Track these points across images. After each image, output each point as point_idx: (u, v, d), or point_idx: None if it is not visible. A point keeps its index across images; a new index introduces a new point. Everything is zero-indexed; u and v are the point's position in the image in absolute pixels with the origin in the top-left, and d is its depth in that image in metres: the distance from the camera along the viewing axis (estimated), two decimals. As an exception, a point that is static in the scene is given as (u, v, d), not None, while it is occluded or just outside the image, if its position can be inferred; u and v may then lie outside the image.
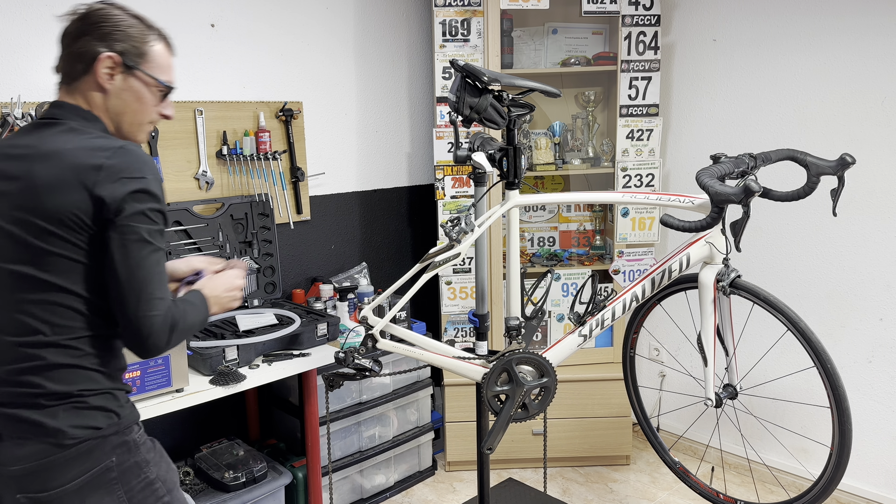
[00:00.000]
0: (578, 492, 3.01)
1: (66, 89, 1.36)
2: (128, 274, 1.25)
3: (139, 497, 1.34)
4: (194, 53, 2.64)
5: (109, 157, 1.25)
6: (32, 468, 1.26)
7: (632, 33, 2.96)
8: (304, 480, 2.62)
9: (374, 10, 3.20)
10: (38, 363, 1.26)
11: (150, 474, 1.36)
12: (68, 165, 1.25)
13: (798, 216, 2.85)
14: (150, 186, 1.27)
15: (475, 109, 1.93)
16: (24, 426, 1.26)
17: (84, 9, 1.35)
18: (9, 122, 2.14)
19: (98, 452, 1.29)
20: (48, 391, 1.26)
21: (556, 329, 3.24)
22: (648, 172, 3.06)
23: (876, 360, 2.71)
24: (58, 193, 1.24)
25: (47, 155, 1.27)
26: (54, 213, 1.24)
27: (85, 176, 1.24)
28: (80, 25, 1.33)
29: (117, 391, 1.35)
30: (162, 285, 1.29)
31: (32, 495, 1.26)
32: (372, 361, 2.07)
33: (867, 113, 2.63)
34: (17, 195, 1.27)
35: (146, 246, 1.26)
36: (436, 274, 1.95)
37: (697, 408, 3.06)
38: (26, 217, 1.25)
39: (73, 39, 1.33)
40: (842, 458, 1.89)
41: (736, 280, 1.95)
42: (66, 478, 1.26)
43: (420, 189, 3.48)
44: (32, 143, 1.30)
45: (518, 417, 2.02)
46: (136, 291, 1.26)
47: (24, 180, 1.26)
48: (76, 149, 1.27)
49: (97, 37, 1.32)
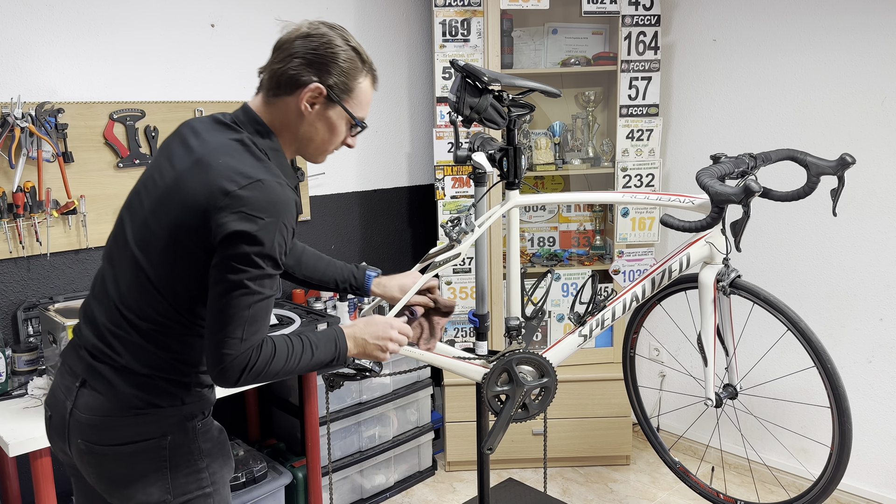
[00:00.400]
0: (578, 492, 3.01)
1: (263, 98, 1.39)
2: (215, 308, 1.27)
3: (182, 481, 1.38)
4: (194, 53, 2.64)
5: (242, 188, 1.25)
6: (96, 421, 1.35)
7: (632, 33, 2.96)
8: (304, 480, 2.62)
9: (374, 10, 3.20)
10: (127, 336, 1.34)
11: (201, 464, 1.40)
12: (208, 181, 1.27)
13: (798, 216, 2.85)
14: (262, 231, 1.24)
15: (475, 109, 1.93)
16: (101, 382, 1.35)
17: (307, 29, 1.36)
18: (9, 122, 2.14)
19: (155, 426, 1.36)
20: (126, 363, 1.34)
21: (556, 329, 3.24)
22: (648, 172, 3.06)
23: (876, 360, 2.71)
24: (189, 207, 1.27)
25: (200, 162, 1.30)
26: (180, 222, 1.28)
27: (213, 199, 1.25)
28: (299, 46, 1.34)
29: (189, 381, 1.39)
30: (245, 327, 1.27)
31: (90, 444, 1.36)
32: (372, 361, 2.07)
33: (867, 113, 2.63)
34: (164, 189, 1.33)
35: (240, 288, 1.25)
36: (436, 274, 1.95)
37: (697, 408, 3.06)
38: (162, 212, 1.31)
39: (288, 57, 1.34)
40: (842, 458, 1.88)
41: (736, 280, 1.95)
42: (120, 438, 1.35)
43: (420, 189, 3.48)
44: (204, 140, 1.34)
45: (518, 418, 2.01)
46: (219, 327, 1.27)
47: (177, 179, 1.31)
48: (223, 167, 1.28)
49: (313, 64, 1.34)
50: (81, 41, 2.36)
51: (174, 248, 1.30)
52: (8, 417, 1.95)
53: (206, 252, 1.27)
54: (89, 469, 1.39)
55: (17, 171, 2.18)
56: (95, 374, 1.36)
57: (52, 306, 2.10)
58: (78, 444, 1.37)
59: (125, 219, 1.40)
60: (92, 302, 1.43)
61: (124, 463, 1.36)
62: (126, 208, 1.42)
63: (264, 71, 1.39)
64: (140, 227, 1.35)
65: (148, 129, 2.49)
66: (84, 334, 1.41)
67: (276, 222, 1.26)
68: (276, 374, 1.35)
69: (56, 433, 1.42)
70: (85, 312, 1.44)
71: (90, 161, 2.37)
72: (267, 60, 1.39)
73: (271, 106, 1.38)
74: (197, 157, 1.31)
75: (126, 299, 1.35)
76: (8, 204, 2.18)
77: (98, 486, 1.41)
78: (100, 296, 1.41)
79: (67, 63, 2.34)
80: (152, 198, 1.35)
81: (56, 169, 2.27)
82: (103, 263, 1.44)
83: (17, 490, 2.23)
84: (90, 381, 1.37)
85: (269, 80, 1.37)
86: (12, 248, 2.23)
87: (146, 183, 1.39)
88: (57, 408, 1.41)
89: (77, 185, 2.34)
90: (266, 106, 1.38)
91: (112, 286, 1.38)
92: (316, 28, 1.36)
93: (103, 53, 2.42)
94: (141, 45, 2.50)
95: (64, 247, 2.34)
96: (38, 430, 1.87)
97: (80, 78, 2.37)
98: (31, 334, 2.27)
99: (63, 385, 1.41)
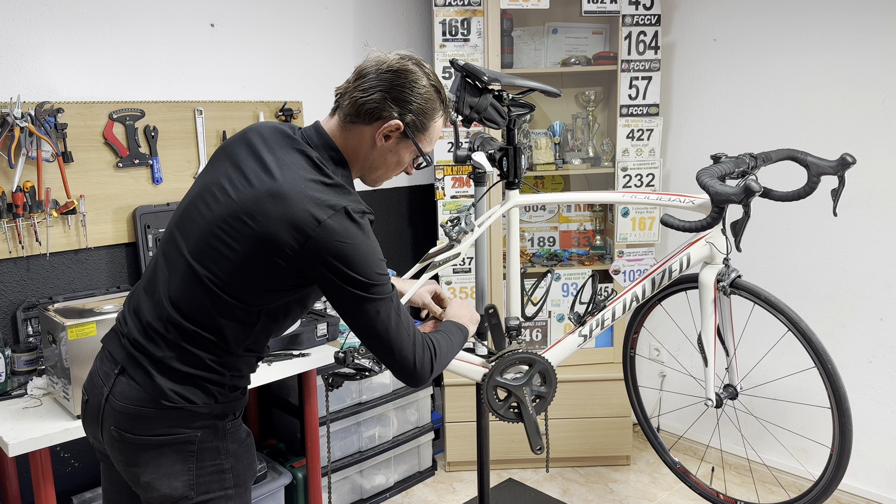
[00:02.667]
0: (578, 492, 3.01)
1: (339, 121, 1.42)
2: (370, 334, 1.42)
3: (206, 479, 1.41)
4: (194, 53, 2.64)
5: (331, 217, 1.30)
6: (131, 411, 1.38)
7: (632, 33, 2.96)
8: (303, 481, 2.62)
9: (374, 9, 3.20)
10: (171, 336, 1.37)
11: (226, 464, 1.43)
12: (287, 213, 1.30)
13: (798, 216, 2.84)
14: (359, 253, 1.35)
15: (475, 109, 1.93)
16: (140, 372, 1.38)
17: (397, 64, 1.38)
18: (8, 122, 2.14)
19: (186, 422, 1.38)
20: (167, 359, 1.37)
21: (556, 329, 3.24)
22: (648, 172, 3.06)
23: (876, 361, 2.70)
24: (274, 234, 1.30)
25: (277, 193, 1.31)
26: (264, 245, 1.31)
27: (305, 226, 1.29)
28: (386, 79, 1.38)
29: (225, 382, 1.42)
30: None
31: (122, 432, 1.39)
32: (372, 361, 2.06)
33: (867, 113, 2.62)
34: (240, 205, 1.34)
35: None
36: (436, 274, 1.95)
37: (698, 408, 3.05)
38: (229, 236, 1.33)
39: (372, 88, 1.37)
40: (842, 459, 1.88)
41: (736, 280, 1.95)
42: (152, 430, 1.38)
43: (420, 189, 3.47)
44: (281, 160, 1.36)
45: (540, 409, 2.02)
46: (386, 348, 1.43)
47: (256, 198, 1.32)
48: (302, 198, 1.31)
49: (396, 100, 1.38)
50: (81, 41, 2.36)
51: (255, 264, 1.33)
52: (7, 417, 1.95)
53: (296, 274, 1.34)
54: (118, 456, 1.42)
55: (16, 170, 2.17)
56: (135, 364, 1.39)
57: (51, 306, 2.09)
58: (110, 431, 1.40)
59: (183, 225, 1.41)
60: (141, 295, 1.45)
61: (153, 454, 1.38)
62: (183, 214, 1.43)
63: (343, 95, 1.41)
64: (203, 236, 1.37)
65: (147, 128, 2.49)
66: (128, 324, 1.43)
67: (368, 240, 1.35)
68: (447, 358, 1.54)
69: (91, 418, 1.46)
70: (132, 303, 1.46)
71: (90, 161, 2.37)
72: (347, 84, 1.42)
73: (346, 132, 1.41)
74: (275, 188, 1.32)
75: (177, 301, 1.38)
76: (7, 204, 2.18)
77: (124, 474, 1.44)
78: (149, 290, 1.43)
79: (67, 63, 2.34)
80: (223, 210, 1.35)
81: (55, 169, 2.27)
82: (159, 259, 1.45)
83: (16, 490, 2.23)
84: (129, 369, 1.39)
85: (349, 106, 1.39)
86: (12, 248, 2.23)
87: (212, 191, 1.39)
88: (94, 392, 1.44)
89: (76, 184, 2.34)
90: (341, 130, 1.42)
91: (163, 285, 1.40)
92: (404, 64, 1.39)
93: (103, 53, 2.41)
94: (141, 44, 2.50)
95: (63, 247, 2.34)
96: (37, 430, 1.87)
97: (80, 78, 2.37)
98: (31, 334, 2.27)
99: (102, 371, 1.44)
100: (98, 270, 2.45)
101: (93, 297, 2.32)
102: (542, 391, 2.04)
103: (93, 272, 2.43)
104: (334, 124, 1.42)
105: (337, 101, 1.43)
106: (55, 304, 2.13)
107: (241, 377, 1.47)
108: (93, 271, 2.43)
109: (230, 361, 1.42)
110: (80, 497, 2.30)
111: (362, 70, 1.40)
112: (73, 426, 1.90)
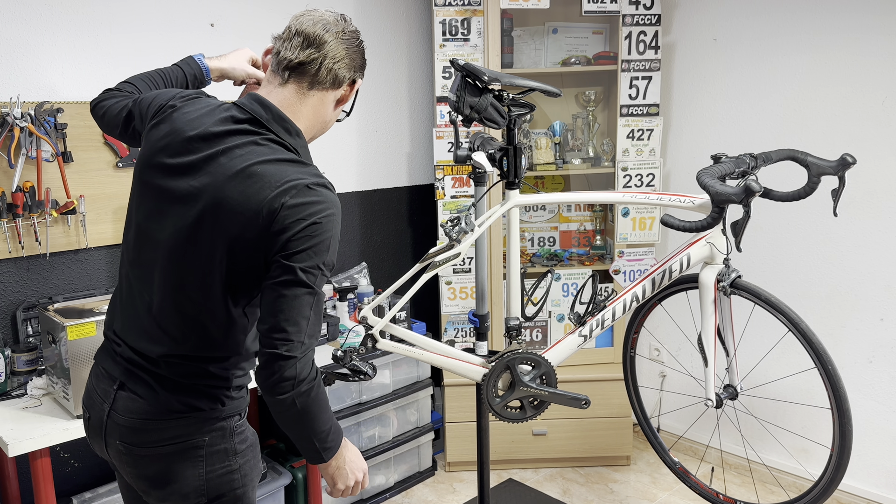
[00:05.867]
0: (578, 492, 3.01)
1: (296, 90, 1.37)
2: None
3: (217, 481, 1.40)
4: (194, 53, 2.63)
5: (293, 195, 1.27)
6: (136, 424, 1.36)
7: (632, 33, 2.96)
8: (303, 481, 2.62)
9: (374, 9, 3.20)
10: (169, 360, 1.35)
11: (234, 464, 1.42)
12: (255, 192, 1.26)
13: (798, 216, 2.84)
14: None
15: (475, 109, 1.93)
16: (141, 386, 1.36)
17: (353, 29, 1.42)
18: (8, 122, 2.14)
19: (194, 428, 1.37)
20: (167, 374, 1.36)
21: (556, 329, 3.24)
22: (649, 172, 3.06)
23: (876, 361, 2.70)
24: (241, 219, 1.27)
25: (238, 173, 1.28)
26: (236, 233, 1.27)
27: (266, 208, 1.26)
28: (348, 44, 1.39)
29: (229, 384, 1.41)
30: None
31: (128, 446, 1.37)
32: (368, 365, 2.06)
33: (867, 113, 2.62)
34: (200, 205, 1.30)
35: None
36: (436, 274, 1.95)
37: (698, 408, 3.05)
38: (204, 230, 1.29)
39: (339, 53, 1.37)
40: (842, 459, 1.88)
41: (736, 280, 1.95)
42: (160, 439, 1.36)
43: (420, 189, 3.47)
44: (226, 152, 1.31)
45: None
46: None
47: (213, 190, 1.29)
48: (271, 175, 1.28)
49: (357, 64, 1.42)
50: (81, 41, 2.36)
51: (238, 261, 1.30)
52: (7, 417, 1.95)
53: (265, 260, 1.29)
54: (128, 469, 1.41)
55: (16, 170, 2.17)
56: (135, 379, 1.37)
57: (51, 306, 2.09)
58: (116, 446, 1.39)
59: (151, 223, 1.36)
60: (125, 315, 1.41)
61: (163, 463, 1.37)
62: (146, 213, 1.37)
63: (305, 64, 1.35)
64: (173, 249, 1.33)
65: (147, 128, 2.49)
66: (120, 344, 1.40)
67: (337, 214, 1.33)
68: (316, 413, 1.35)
69: (94, 433, 1.45)
70: (116, 322, 1.43)
71: (89, 161, 2.37)
72: (296, 54, 1.35)
73: (307, 98, 1.38)
74: (237, 170, 1.29)
75: (166, 326, 1.35)
76: (7, 204, 2.18)
77: (136, 485, 1.43)
78: (132, 312, 1.39)
79: (67, 63, 2.34)
80: (189, 210, 1.30)
81: (55, 169, 2.27)
82: (131, 278, 1.40)
83: (16, 490, 2.23)
84: (129, 384, 1.37)
85: (318, 73, 1.36)
86: (11, 248, 2.23)
87: (166, 206, 1.34)
88: (94, 410, 1.43)
89: (76, 184, 2.34)
90: (299, 97, 1.37)
91: (144, 308, 1.37)
92: (351, 25, 1.42)
93: (103, 53, 2.41)
94: (141, 44, 2.50)
95: (63, 247, 2.34)
96: (37, 430, 1.87)
97: (80, 77, 2.37)
98: (31, 334, 2.27)
99: (99, 388, 1.42)
100: (98, 270, 2.45)
101: (93, 297, 2.32)
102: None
103: (93, 272, 2.43)
104: (289, 93, 1.37)
105: (288, 70, 1.36)
106: (55, 304, 2.13)
107: (244, 374, 1.46)
108: (93, 271, 2.43)
109: (232, 362, 1.41)
110: (80, 497, 2.29)
111: (316, 35, 1.35)
112: (73, 426, 1.90)
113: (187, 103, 1.40)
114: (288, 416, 1.32)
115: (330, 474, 1.45)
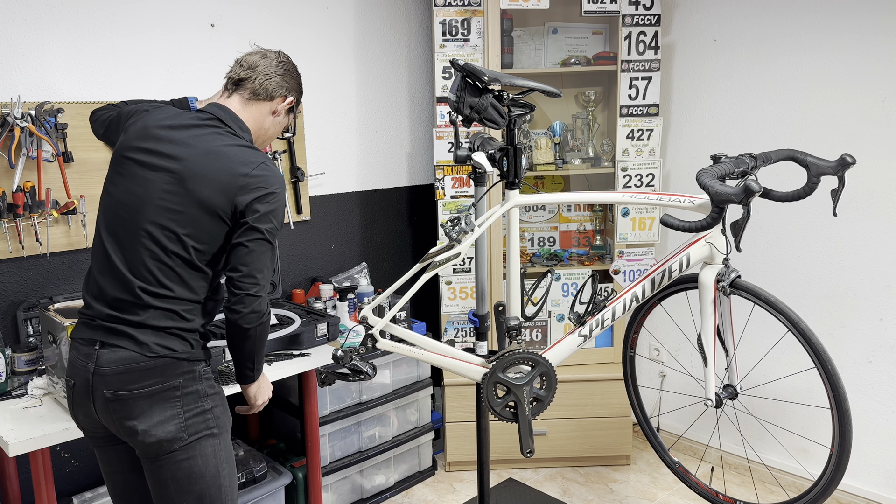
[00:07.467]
0: (578, 492, 3.01)
1: (239, 99, 1.76)
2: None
3: (193, 420, 1.64)
4: (194, 53, 2.64)
5: (254, 168, 1.64)
6: (119, 370, 1.58)
7: (632, 33, 2.96)
8: (303, 481, 2.62)
9: (374, 9, 3.20)
10: (143, 302, 1.59)
11: (206, 405, 1.66)
12: (224, 165, 1.63)
13: (798, 216, 2.84)
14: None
15: (475, 109, 1.93)
16: (120, 338, 1.59)
17: (285, 58, 1.81)
18: (8, 122, 2.14)
19: (170, 371, 1.61)
20: (142, 321, 1.59)
21: (556, 329, 3.24)
22: (648, 172, 3.06)
23: (876, 361, 2.71)
24: (214, 185, 1.61)
25: (210, 151, 1.64)
26: (208, 202, 1.61)
27: (234, 179, 1.62)
28: (282, 67, 1.79)
29: (195, 329, 1.67)
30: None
31: (115, 392, 1.58)
32: (368, 365, 2.07)
33: (867, 113, 2.62)
34: (177, 173, 1.62)
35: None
36: (436, 274, 1.95)
37: (697, 408, 3.05)
38: (179, 194, 1.61)
39: (271, 74, 1.76)
40: (842, 459, 1.88)
41: (736, 280, 1.95)
42: (141, 383, 1.58)
43: (420, 189, 3.47)
44: (198, 137, 1.65)
45: (536, 411, 2.02)
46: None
47: (190, 162, 1.62)
48: (235, 154, 1.65)
49: (290, 84, 1.81)
50: (81, 41, 2.36)
51: (206, 221, 1.62)
52: (8, 417, 1.95)
53: (230, 220, 1.64)
54: (114, 416, 1.60)
55: (16, 170, 2.17)
56: (114, 333, 1.60)
57: (51, 306, 2.09)
58: (104, 395, 1.59)
59: (124, 208, 1.64)
60: (98, 278, 1.65)
61: (146, 405, 1.59)
62: (123, 183, 1.66)
63: (243, 81, 1.76)
64: (152, 204, 1.61)
65: (148, 128, 2.49)
66: (94, 307, 1.63)
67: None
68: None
69: (80, 396, 1.63)
70: (90, 290, 1.66)
71: (90, 161, 2.37)
72: (238, 72, 1.77)
73: (250, 105, 1.77)
74: (206, 149, 1.64)
75: (138, 272, 1.60)
76: (8, 204, 2.18)
77: (121, 431, 1.62)
78: (105, 271, 1.63)
79: (67, 63, 2.34)
80: (162, 181, 1.62)
81: (56, 169, 2.27)
82: (106, 243, 1.65)
83: (17, 490, 2.23)
84: (109, 340, 1.59)
85: (255, 88, 1.75)
86: (12, 247, 2.23)
87: (143, 173, 1.65)
88: (78, 375, 1.63)
89: (77, 184, 2.34)
90: (243, 106, 1.76)
91: (120, 262, 1.61)
92: (285, 56, 1.82)
93: (103, 53, 2.41)
94: (141, 44, 2.50)
95: (64, 247, 2.34)
96: (38, 429, 1.87)
97: (80, 78, 2.37)
98: (31, 334, 2.27)
99: (80, 355, 1.62)
100: (98, 270, 2.45)
101: (93, 297, 2.32)
102: (541, 394, 2.04)
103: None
104: (236, 102, 1.76)
105: (234, 85, 1.76)
106: (55, 304, 2.13)
107: (206, 324, 1.70)
108: (93, 271, 2.43)
109: (198, 309, 1.66)
110: (81, 497, 2.30)
111: (253, 63, 1.76)
112: (74, 426, 1.90)
113: (159, 109, 1.77)
114: (245, 340, 1.69)
115: (253, 392, 1.83)
